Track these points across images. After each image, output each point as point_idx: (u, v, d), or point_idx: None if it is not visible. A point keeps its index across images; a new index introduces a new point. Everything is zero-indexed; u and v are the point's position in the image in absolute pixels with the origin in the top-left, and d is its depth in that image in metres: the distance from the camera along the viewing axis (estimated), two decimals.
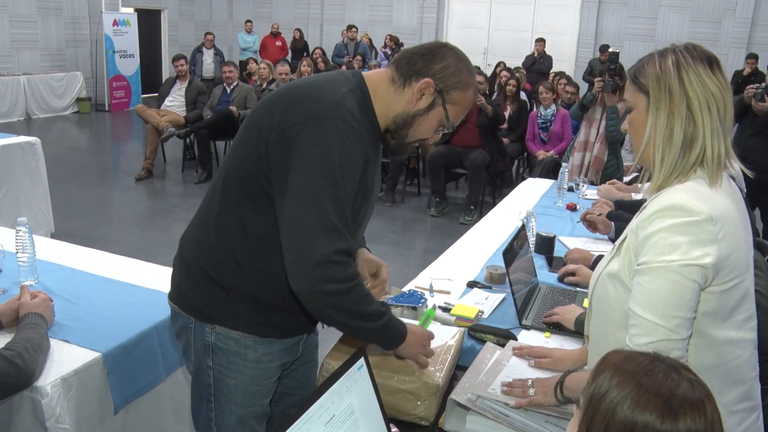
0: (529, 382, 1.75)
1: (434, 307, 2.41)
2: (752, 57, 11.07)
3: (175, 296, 1.91)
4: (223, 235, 1.76)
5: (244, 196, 1.71)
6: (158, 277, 2.69)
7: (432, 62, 1.71)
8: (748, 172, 1.59)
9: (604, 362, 1.08)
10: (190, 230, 1.89)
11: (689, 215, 1.34)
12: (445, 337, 2.08)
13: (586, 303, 2.40)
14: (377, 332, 1.70)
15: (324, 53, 12.57)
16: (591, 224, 3.21)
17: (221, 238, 1.76)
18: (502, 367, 1.93)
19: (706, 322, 1.41)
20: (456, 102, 1.75)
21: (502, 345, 2.11)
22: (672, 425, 0.97)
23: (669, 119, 1.42)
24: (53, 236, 5.26)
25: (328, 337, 2.10)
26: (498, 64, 11.25)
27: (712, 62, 1.43)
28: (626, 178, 5.28)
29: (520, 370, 1.92)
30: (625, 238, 1.50)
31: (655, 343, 1.34)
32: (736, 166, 2.32)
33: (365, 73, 1.78)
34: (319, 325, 2.02)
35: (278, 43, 14.47)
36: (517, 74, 9.15)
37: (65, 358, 2.07)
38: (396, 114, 1.74)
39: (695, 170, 1.43)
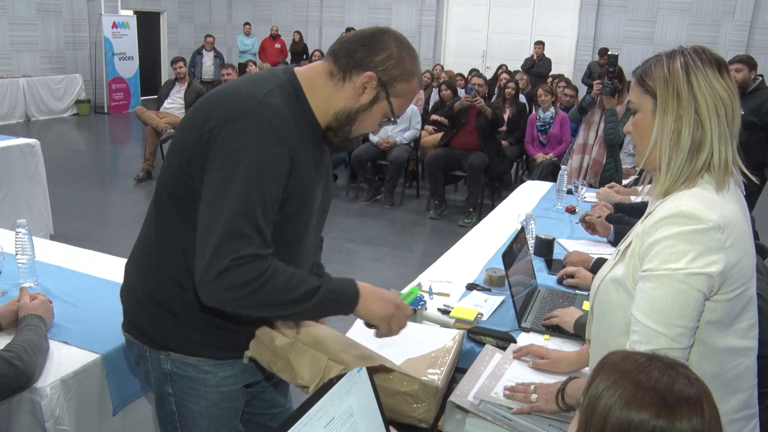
0: (532, 387, 1.73)
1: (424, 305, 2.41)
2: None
3: (126, 325, 1.82)
4: (163, 255, 1.69)
5: (176, 212, 1.64)
6: None
7: (373, 53, 1.60)
8: (752, 177, 1.56)
9: (603, 362, 1.08)
10: (133, 254, 1.81)
11: (697, 223, 1.32)
12: (444, 340, 2.08)
13: (585, 306, 2.41)
14: (317, 309, 1.59)
15: (323, 55, 12.56)
16: (590, 226, 3.21)
17: (162, 259, 1.69)
18: (504, 371, 1.94)
19: (710, 331, 1.40)
20: (400, 94, 1.65)
21: (502, 348, 2.12)
22: (668, 422, 0.96)
23: (677, 123, 1.39)
24: (52, 238, 5.26)
25: None
26: (500, 67, 11.26)
27: (720, 66, 1.40)
28: (625, 181, 5.29)
29: (522, 374, 1.92)
30: (629, 244, 1.47)
31: (656, 351, 1.32)
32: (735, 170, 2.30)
33: (297, 69, 1.68)
34: None
35: (277, 46, 14.48)
36: (519, 78, 9.16)
37: (64, 360, 2.07)
38: (337, 110, 1.65)
39: (702, 175, 1.40)
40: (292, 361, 1.64)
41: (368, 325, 1.76)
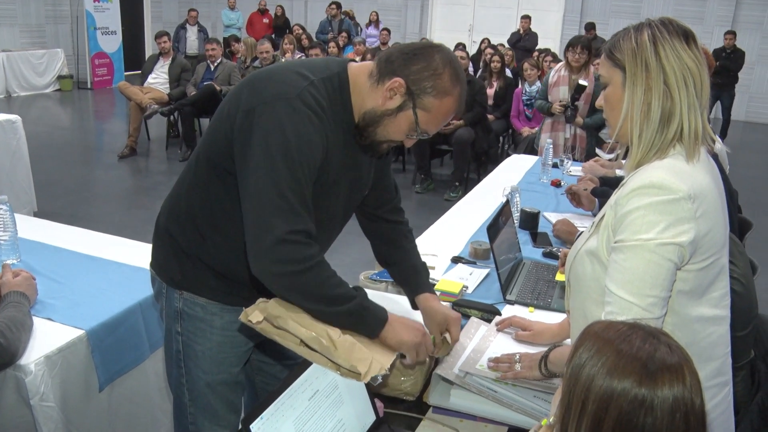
0: (517, 356, 1.76)
1: None
2: (731, 33, 11.22)
3: (152, 262, 1.96)
4: (190, 204, 1.80)
5: (212, 172, 1.73)
6: (142, 255, 2.67)
7: (411, 62, 1.61)
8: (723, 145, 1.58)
9: (586, 332, 1.09)
10: (167, 199, 1.93)
11: (668, 193, 1.34)
12: None
13: (559, 277, 2.42)
14: (346, 317, 1.60)
15: (304, 30, 12.42)
16: (574, 197, 3.22)
17: (189, 207, 1.80)
18: (489, 344, 1.95)
19: (683, 301, 1.42)
20: (428, 109, 1.63)
21: (488, 320, 2.13)
22: (650, 390, 0.97)
23: (646, 94, 1.40)
24: (36, 215, 5.20)
25: None
26: (482, 41, 11.22)
27: (688, 36, 1.41)
28: (610, 155, 5.32)
29: (507, 346, 1.93)
30: (603, 216, 1.49)
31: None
32: (719, 144, 2.32)
33: (351, 63, 1.72)
34: None
35: (265, 20, 14.33)
36: (505, 52, 9.13)
37: (49, 336, 2.06)
38: (366, 110, 1.67)
39: (674, 146, 1.42)
40: (338, 353, 1.54)
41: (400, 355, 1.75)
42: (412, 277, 1.98)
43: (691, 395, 0.99)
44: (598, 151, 4.73)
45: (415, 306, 1.95)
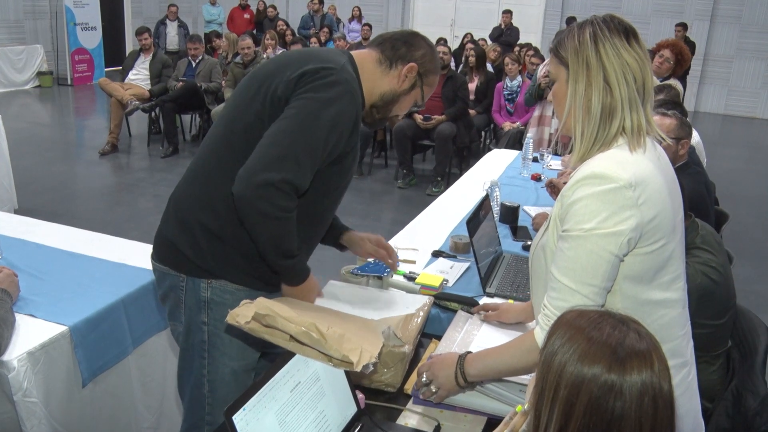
0: (424, 378, 1.73)
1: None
2: (680, 25, 11.38)
3: (164, 256, 1.95)
4: (223, 186, 1.82)
5: (249, 147, 1.77)
6: (124, 251, 2.69)
7: (413, 49, 1.96)
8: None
9: (558, 321, 1.12)
10: (184, 187, 1.95)
11: (609, 183, 1.38)
12: (413, 306, 2.11)
13: None
14: (280, 267, 1.85)
15: (288, 25, 12.40)
16: (554, 190, 3.25)
17: (222, 190, 1.83)
18: (473, 338, 1.97)
19: (630, 285, 1.46)
20: (431, 84, 2.01)
21: (472, 313, 2.15)
22: (619, 376, 1.00)
23: (587, 90, 1.46)
24: (17, 212, 5.18)
25: None
26: (465, 36, 11.24)
27: (629, 34, 1.46)
28: None
29: (490, 338, 1.96)
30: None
31: (573, 307, 1.34)
32: (696, 136, 2.36)
33: (353, 51, 1.98)
34: None
35: (246, 16, 14.25)
36: (490, 49, 9.15)
37: (31, 333, 2.07)
38: (383, 92, 1.96)
39: (617, 139, 1.47)
40: (329, 345, 1.57)
41: None
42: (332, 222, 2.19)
43: (659, 380, 1.02)
44: None
45: (342, 247, 2.24)
